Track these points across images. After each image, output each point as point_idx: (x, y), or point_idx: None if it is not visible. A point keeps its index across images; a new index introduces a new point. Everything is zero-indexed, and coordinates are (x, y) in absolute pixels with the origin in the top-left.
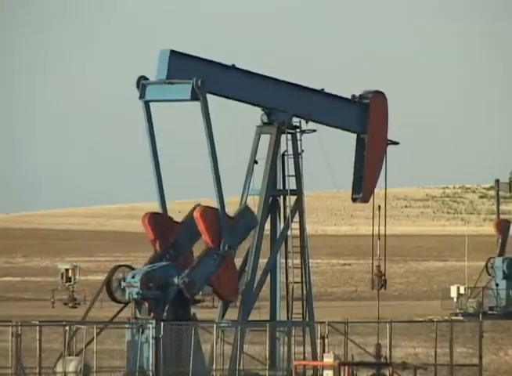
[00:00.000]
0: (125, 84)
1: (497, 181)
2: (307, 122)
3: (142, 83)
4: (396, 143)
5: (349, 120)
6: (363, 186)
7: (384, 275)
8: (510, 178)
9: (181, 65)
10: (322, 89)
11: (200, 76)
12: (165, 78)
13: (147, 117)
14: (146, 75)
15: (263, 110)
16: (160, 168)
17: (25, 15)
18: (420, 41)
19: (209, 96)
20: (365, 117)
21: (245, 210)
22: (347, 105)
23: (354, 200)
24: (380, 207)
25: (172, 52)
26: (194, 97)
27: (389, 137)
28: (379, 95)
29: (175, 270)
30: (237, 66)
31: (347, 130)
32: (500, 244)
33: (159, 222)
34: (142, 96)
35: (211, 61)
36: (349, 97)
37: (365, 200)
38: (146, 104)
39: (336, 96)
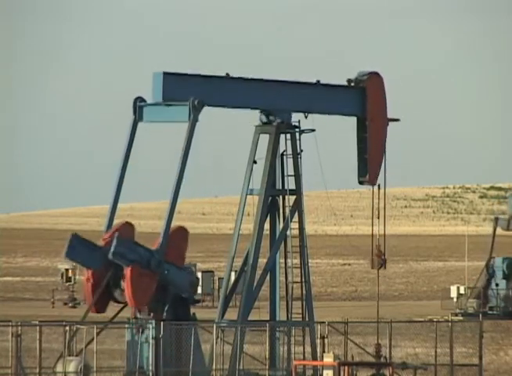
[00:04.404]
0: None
1: (496, 219)
2: (306, 117)
3: (138, 105)
4: (397, 120)
5: (348, 106)
6: (369, 168)
7: (384, 254)
8: (510, 214)
9: (175, 85)
10: (318, 81)
11: (195, 93)
12: (162, 100)
13: (131, 135)
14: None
15: (261, 110)
16: (123, 180)
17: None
18: (419, 40)
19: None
20: (363, 100)
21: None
22: (344, 92)
23: (360, 182)
24: (379, 186)
25: (165, 74)
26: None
27: (389, 115)
28: (374, 77)
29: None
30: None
31: (347, 115)
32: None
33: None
34: (139, 119)
35: (205, 76)
36: (345, 83)
37: (372, 182)
38: (135, 123)
39: (332, 86)
